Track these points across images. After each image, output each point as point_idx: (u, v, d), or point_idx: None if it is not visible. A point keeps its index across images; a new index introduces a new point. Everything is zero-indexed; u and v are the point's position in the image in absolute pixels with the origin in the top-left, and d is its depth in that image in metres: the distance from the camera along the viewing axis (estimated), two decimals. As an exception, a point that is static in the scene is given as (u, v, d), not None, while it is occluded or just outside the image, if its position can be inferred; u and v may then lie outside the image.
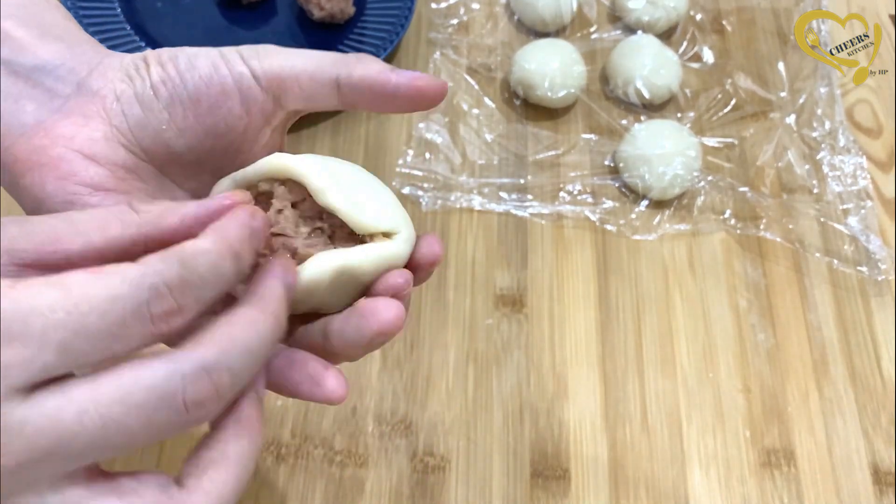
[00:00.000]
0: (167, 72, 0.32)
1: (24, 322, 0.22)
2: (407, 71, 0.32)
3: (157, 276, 0.24)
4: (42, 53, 0.32)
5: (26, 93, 0.32)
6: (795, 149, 0.66)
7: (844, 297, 0.60)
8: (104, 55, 0.33)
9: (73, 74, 0.32)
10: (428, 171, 0.63)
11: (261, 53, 0.32)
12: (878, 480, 0.53)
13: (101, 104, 0.32)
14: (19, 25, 0.32)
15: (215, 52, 0.32)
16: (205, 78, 0.32)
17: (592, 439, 0.53)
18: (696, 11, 0.74)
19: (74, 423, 0.23)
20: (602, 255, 0.61)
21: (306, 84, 0.32)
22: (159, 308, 0.24)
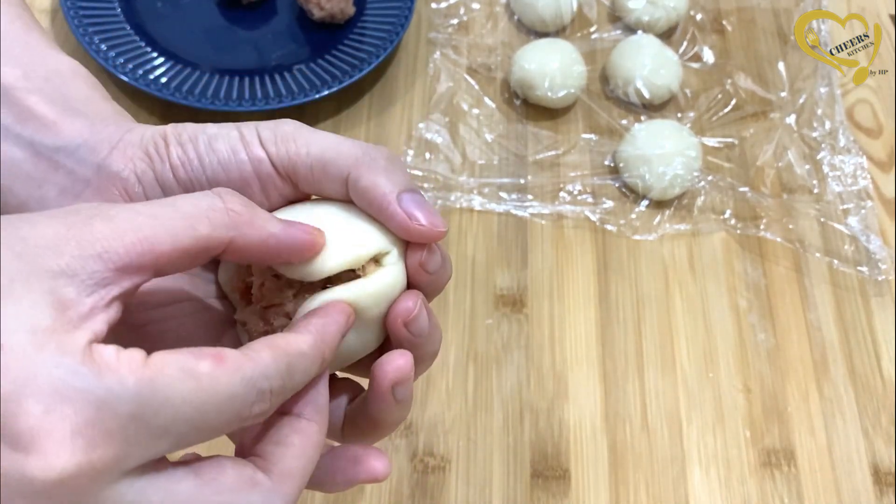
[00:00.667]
0: (186, 154, 0.31)
1: (155, 412, 0.22)
2: (413, 201, 0.31)
3: (267, 382, 0.25)
4: (65, 133, 0.31)
5: (49, 177, 0.31)
6: (795, 149, 0.66)
7: (844, 297, 0.60)
8: (125, 130, 0.32)
9: (93, 154, 0.31)
10: (428, 171, 0.63)
11: (279, 137, 0.31)
12: (878, 480, 0.53)
13: (123, 186, 0.31)
14: (44, 101, 0.32)
15: (235, 135, 0.31)
16: (223, 163, 0.31)
17: (592, 439, 0.53)
18: (696, 11, 0.74)
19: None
20: (602, 255, 0.61)
21: (318, 176, 0.31)
22: (259, 409, 0.25)
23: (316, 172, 0.31)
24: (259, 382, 0.25)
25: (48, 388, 0.21)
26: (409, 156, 0.64)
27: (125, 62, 0.64)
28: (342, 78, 0.64)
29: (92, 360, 0.22)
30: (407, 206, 0.31)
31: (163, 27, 0.68)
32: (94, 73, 0.33)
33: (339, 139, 0.32)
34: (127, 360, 0.22)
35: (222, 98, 0.63)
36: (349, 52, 0.67)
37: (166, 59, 0.65)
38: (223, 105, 0.62)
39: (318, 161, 0.31)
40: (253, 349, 0.25)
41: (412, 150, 0.64)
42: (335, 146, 0.31)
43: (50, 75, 0.33)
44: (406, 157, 0.64)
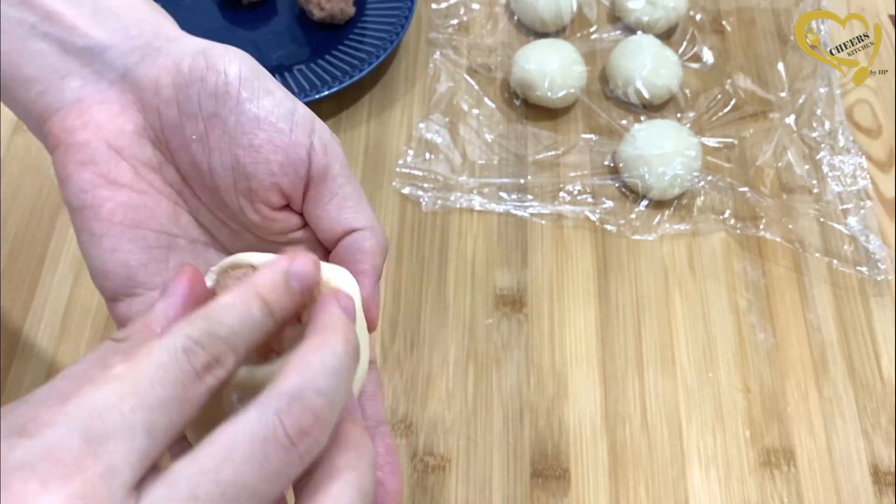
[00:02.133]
0: (228, 88, 0.30)
1: (102, 420, 0.22)
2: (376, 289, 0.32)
3: (185, 338, 0.24)
4: (94, 33, 0.31)
5: (75, 70, 0.31)
6: (795, 149, 0.67)
7: (844, 297, 0.60)
8: (163, 39, 0.31)
9: (123, 58, 0.31)
10: (428, 171, 0.63)
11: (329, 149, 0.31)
12: (878, 480, 0.53)
13: (140, 96, 0.31)
14: (70, 6, 0.31)
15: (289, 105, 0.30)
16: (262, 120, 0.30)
17: (592, 439, 0.53)
18: (696, 12, 0.74)
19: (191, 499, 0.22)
20: (602, 255, 0.61)
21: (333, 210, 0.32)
22: (198, 363, 0.24)
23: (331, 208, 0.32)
24: (177, 343, 0.24)
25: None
26: (409, 156, 0.64)
27: (125, 62, 0.64)
28: (342, 78, 0.65)
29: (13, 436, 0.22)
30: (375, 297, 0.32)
31: (163, 27, 0.68)
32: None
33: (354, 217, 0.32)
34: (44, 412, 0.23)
35: (222, 98, 0.63)
36: (349, 53, 0.67)
37: (166, 59, 0.65)
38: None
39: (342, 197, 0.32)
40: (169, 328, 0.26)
41: (412, 150, 0.64)
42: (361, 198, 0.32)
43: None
44: (406, 157, 0.64)
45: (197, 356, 0.24)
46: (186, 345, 0.24)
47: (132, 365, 0.23)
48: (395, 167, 0.64)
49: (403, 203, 0.62)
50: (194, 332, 0.25)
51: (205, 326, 0.25)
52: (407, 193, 0.62)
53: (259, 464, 0.23)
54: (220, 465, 0.23)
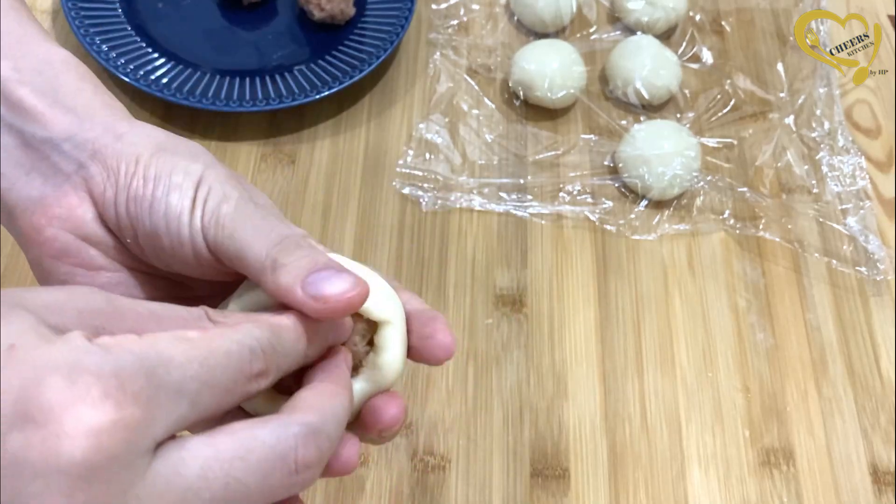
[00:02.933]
0: (144, 191, 0.31)
1: (167, 371, 0.23)
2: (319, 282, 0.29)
3: (255, 341, 0.26)
4: (52, 125, 0.32)
5: (36, 165, 0.32)
6: (794, 149, 0.67)
7: (843, 297, 0.60)
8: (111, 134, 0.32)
9: (78, 151, 0.32)
10: (428, 171, 0.63)
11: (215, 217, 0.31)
12: (877, 480, 0.53)
13: (94, 190, 0.32)
14: (34, 94, 0.32)
15: (189, 196, 0.31)
16: (168, 221, 0.31)
17: (592, 439, 0.53)
18: (696, 12, 0.74)
19: (198, 478, 0.23)
20: (602, 255, 0.61)
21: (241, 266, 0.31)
22: (257, 367, 0.26)
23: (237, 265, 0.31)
24: (248, 341, 0.26)
25: (66, 367, 0.22)
26: (409, 156, 0.64)
27: (126, 62, 0.64)
28: (342, 78, 0.65)
29: (95, 342, 0.23)
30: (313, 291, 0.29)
31: (163, 28, 0.68)
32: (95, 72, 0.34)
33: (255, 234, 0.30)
34: (124, 338, 0.24)
35: (222, 98, 0.63)
36: (349, 53, 0.67)
37: (167, 59, 0.65)
38: (223, 105, 0.62)
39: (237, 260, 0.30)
40: (235, 324, 0.27)
41: (412, 150, 0.64)
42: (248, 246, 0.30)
43: (41, 67, 0.33)
44: (406, 157, 0.64)
45: (257, 361, 0.26)
46: (254, 347, 0.26)
47: (207, 338, 0.25)
48: (395, 167, 0.64)
49: (403, 203, 0.62)
50: (263, 340, 0.27)
51: (271, 339, 0.27)
52: (407, 193, 0.63)
53: (265, 476, 0.24)
54: (234, 460, 0.24)
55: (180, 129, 0.64)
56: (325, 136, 0.65)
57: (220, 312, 0.29)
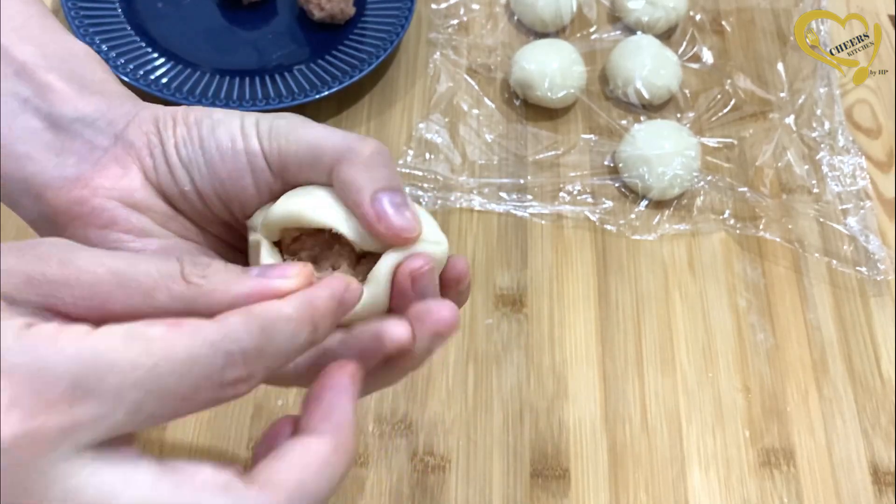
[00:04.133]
0: (189, 133, 0.32)
1: (99, 378, 0.22)
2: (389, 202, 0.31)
3: (235, 344, 0.24)
4: (82, 106, 0.33)
5: (68, 146, 0.32)
6: (795, 149, 0.67)
7: (844, 297, 0.60)
8: (140, 107, 0.34)
9: (111, 126, 0.33)
10: (428, 171, 0.63)
11: (272, 131, 0.32)
12: (878, 480, 0.53)
13: (137, 156, 0.32)
14: (61, 79, 0.33)
15: (237, 125, 0.32)
16: (221, 150, 0.32)
17: (592, 439, 0.53)
18: (696, 12, 0.74)
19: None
20: (602, 255, 0.61)
21: (306, 170, 0.32)
22: (231, 375, 0.24)
23: (304, 167, 0.32)
24: (224, 345, 0.23)
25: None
26: (409, 156, 0.64)
27: (125, 62, 0.64)
28: (342, 78, 0.65)
29: (27, 334, 0.22)
30: (378, 207, 0.31)
31: (163, 27, 0.68)
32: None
33: (329, 132, 0.32)
34: (66, 332, 0.22)
35: (222, 98, 0.63)
36: (349, 53, 0.67)
37: (167, 59, 0.65)
38: (223, 105, 0.62)
39: (306, 155, 0.32)
40: (221, 315, 0.24)
41: (412, 150, 0.64)
42: (322, 139, 0.32)
43: (65, 56, 0.34)
44: (406, 157, 0.64)
45: (233, 368, 0.24)
46: (232, 352, 0.24)
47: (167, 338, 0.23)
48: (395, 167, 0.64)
49: (403, 203, 0.62)
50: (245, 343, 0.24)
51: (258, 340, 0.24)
52: (407, 193, 0.62)
53: None
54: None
55: (180, 129, 0.64)
56: (324, 136, 0.65)
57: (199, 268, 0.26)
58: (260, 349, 0.24)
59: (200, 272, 0.26)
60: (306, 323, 0.26)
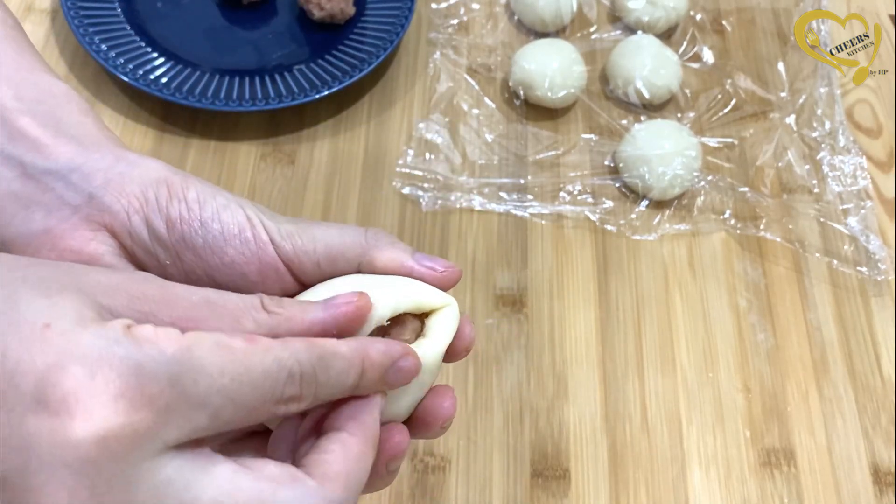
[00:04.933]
0: (190, 212, 0.31)
1: (194, 380, 0.23)
2: (425, 258, 0.33)
3: (297, 365, 0.26)
4: (56, 155, 0.31)
5: (37, 198, 0.31)
6: (795, 149, 0.66)
7: (844, 297, 0.60)
8: (125, 162, 0.32)
9: (85, 182, 0.31)
10: (428, 171, 0.63)
11: (283, 232, 0.32)
12: (878, 480, 0.53)
13: (111, 220, 0.31)
14: (36, 123, 0.31)
15: (242, 214, 0.31)
16: (227, 236, 0.31)
17: (592, 439, 0.53)
18: (696, 11, 0.74)
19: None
20: (602, 255, 0.61)
21: (327, 269, 0.32)
22: (289, 393, 0.26)
23: (324, 268, 0.32)
24: (289, 363, 0.25)
25: (91, 356, 0.22)
26: (409, 156, 0.64)
27: (125, 62, 0.64)
28: (342, 78, 0.65)
29: (131, 333, 0.23)
30: (425, 263, 0.33)
31: (163, 27, 0.68)
32: (95, 73, 0.33)
33: (340, 230, 0.33)
34: (164, 333, 0.23)
35: (222, 98, 0.63)
36: (349, 53, 0.67)
37: (166, 59, 0.65)
38: (223, 105, 0.62)
39: (324, 257, 0.32)
40: (287, 340, 0.26)
41: (412, 150, 0.64)
42: (339, 239, 0.32)
43: (42, 97, 0.33)
44: (406, 157, 0.64)
45: (293, 385, 0.26)
46: (293, 371, 0.26)
47: (248, 351, 0.25)
48: (395, 167, 0.64)
49: (403, 203, 0.62)
50: (305, 365, 0.26)
51: (316, 364, 0.26)
52: (407, 193, 0.62)
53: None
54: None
55: (180, 129, 0.64)
56: (325, 136, 0.65)
57: (276, 301, 0.28)
58: (315, 375, 0.26)
59: (277, 304, 0.28)
60: (356, 365, 0.28)
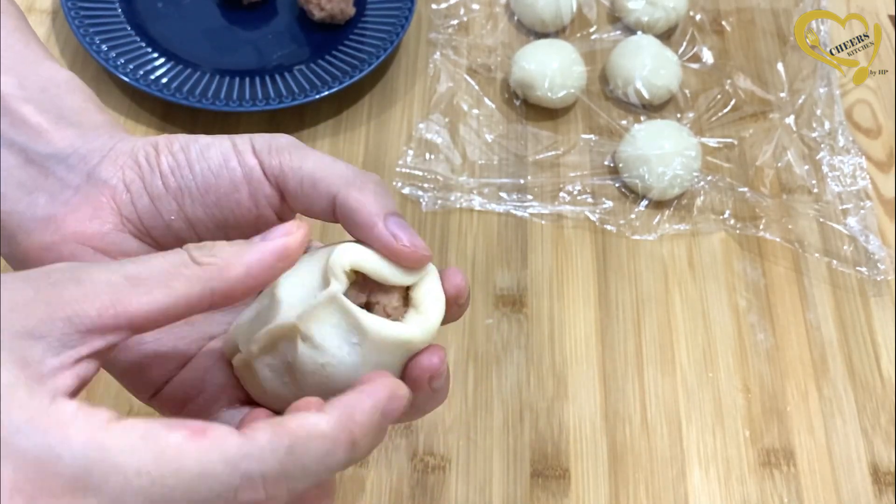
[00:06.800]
0: (177, 160, 0.32)
1: (103, 477, 0.21)
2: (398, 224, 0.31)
3: (257, 464, 0.22)
4: (57, 141, 0.32)
5: (39, 183, 0.32)
6: (795, 149, 0.67)
7: (844, 297, 0.60)
8: (117, 140, 0.33)
9: (83, 163, 0.32)
10: (428, 171, 0.63)
11: (272, 147, 0.32)
12: (878, 480, 0.53)
13: (111, 194, 0.32)
14: (38, 111, 0.32)
15: (228, 144, 0.32)
16: (214, 169, 0.31)
17: (592, 439, 0.53)
18: (696, 12, 0.74)
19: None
20: (602, 255, 0.61)
21: (308, 191, 0.32)
22: (245, 498, 0.22)
23: (305, 188, 0.31)
24: (245, 465, 0.22)
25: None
26: (409, 156, 0.64)
27: (125, 62, 0.64)
28: (342, 78, 0.65)
29: (45, 416, 0.21)
30: (392, 228, 0.30)
31: (163, 27, 0.68)
32: (95, 73, 0.34)
33: (332, 159, 0.32)
34: (85, 419, 0.22)
35: (222, 98, 0.63)
36: (349, 53, 0.67)
37: (167, 59, 0.65)
38: (223, 105, 0.62)
39: (308, 177, 0.31)
40: (251, 427, 0.23)
41: (412, 150, 0.64)
42: (327, 165, 0.32)
43: (45, 85, 0.33)
44: (406, 157, 0.64)
45: (251, 492, 0.22)
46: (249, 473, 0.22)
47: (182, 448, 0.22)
48: (395, 167, 0.64)
49: (403, 203, 0.62)
50: (270, 465, 0.22)
51: (283, 461, 0.23)
52: (407, 193, 0.62)
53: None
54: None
55: (180, 129, 0.64)
56: (325, 136, 0.65)
57: (206, 249, 0.26)
58: (284, 472, 0.23)
59: (208, 252, 0.26)
60: (343, 441, 0.24)
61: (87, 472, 0.21)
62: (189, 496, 0.22)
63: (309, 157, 0.32)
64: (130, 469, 0.21)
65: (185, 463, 0.22)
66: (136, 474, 0.21)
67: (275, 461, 0.23)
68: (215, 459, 0.22)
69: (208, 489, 0.22)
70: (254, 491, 0.22)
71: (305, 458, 0.23)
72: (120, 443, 0.21)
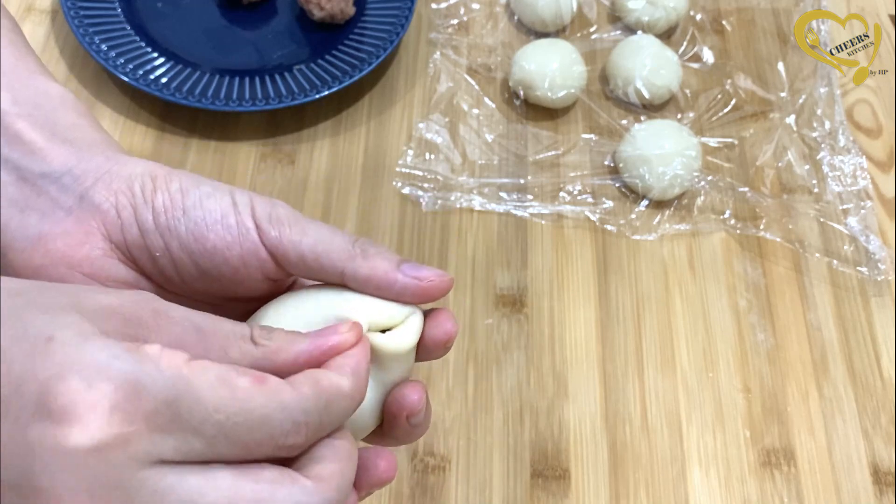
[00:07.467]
0: (173, 201, 0.31)
1: (189, 408, 0.23)
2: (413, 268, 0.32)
3: (304, 416, 0.26)
4: (51, 159, 0.32)
5: (32, 202, 0.31)
6: (795, 149, 0.67)
7: (844, 297, 0.60)
8: (113, 162, 0.32)
9: (77, 183, 0.32)
10: (428, 171, 0.63)
11: (272, 217, 0.31)
12: (878, 480, 0.53)
13: (102, 219, 0.31)
14: (32, 127, 0.32)
15: (228, 200, 0.31)
16: (209, 222, 0.31)
17: (592, 439, 0.53)
18: (696, 11, 0.74)
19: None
20: (602, 255, 0.61)
21: (311, 265, 0.32)
22: (292, 441, 0.26)
23: (308, 262, 0.32)
24: (296, 414, 0.25)
25: (91, 368, 0.23)
26: (409, 156, 0.64)
27: (125, 62, 0.64)
28: (342, 78, 0.65)
29: (136, 349, 0.23)
30: (410, 273, 0.32)
31: (163, 27, 0.68)
32: (95, 72, 0.34)
33: (330, 231, 0.32)
34: (169, 356, 0.24)
35: (222, 98, 0.63)
36: (349, 52, 0.67)
37: (166, 59, 0.65)
38: (223, 105, 0.62)
39: (309, 252, 0.31)
40: (296, 381, 0.26)
41: (412, 150, 0.64)
42: (326, 240, 0.32)
43: (39, 101, 0.33)
44: (406, 157, 0.64)
45: (295, 436, 0.26)
46: (298, 421, 0.26)
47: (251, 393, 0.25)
48: (395, 167, 0.64)
49: (403, 203, 0.62)
50: (312, 414, 0.26)
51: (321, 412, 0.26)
52: (407, 193, 0.62)
53: None
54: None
55: (180, 129, 0.64)
56: (324, 136, 0.65)
57: (265, 332, 0.28)
58: (320, 420, 0.26)
59: (266, 335, 0.28)
60: (357, 400, 0.28)
61: (176, 400, 0.23)
62: (250, 434, 0.24)
63: (308, 232, 0.32)
64: (210, 404, 0.24)
65: (252, 405, 0.24)
66: (214, 409, 0.24)
67: (316, 413, 0.26)
68: (274, 405, 0.25)
69: (266, 430, 0.25)
70: (298, 436, 0.26)
71: (333, 409, 0.27)
72: (202, 380, 0.24)
